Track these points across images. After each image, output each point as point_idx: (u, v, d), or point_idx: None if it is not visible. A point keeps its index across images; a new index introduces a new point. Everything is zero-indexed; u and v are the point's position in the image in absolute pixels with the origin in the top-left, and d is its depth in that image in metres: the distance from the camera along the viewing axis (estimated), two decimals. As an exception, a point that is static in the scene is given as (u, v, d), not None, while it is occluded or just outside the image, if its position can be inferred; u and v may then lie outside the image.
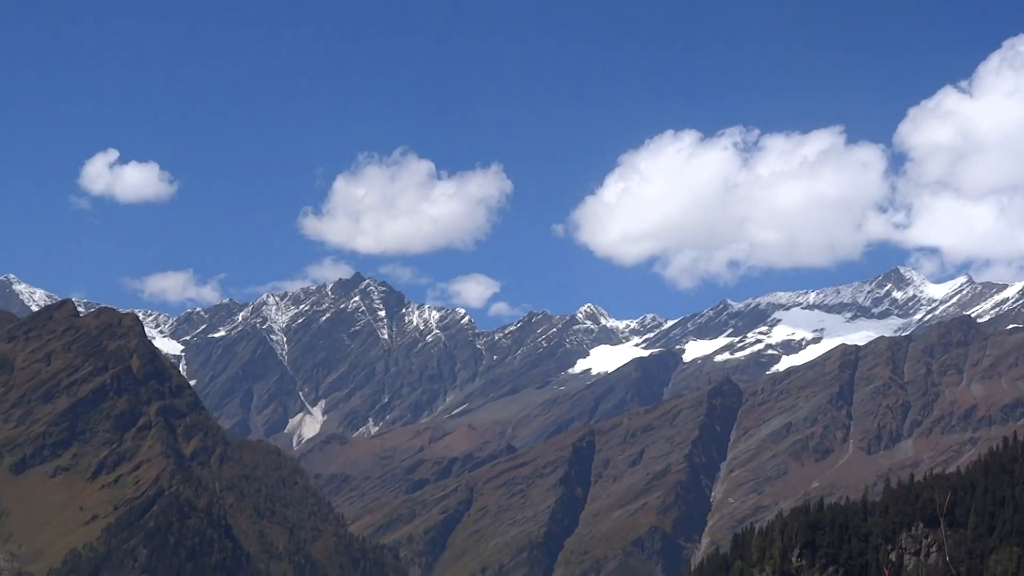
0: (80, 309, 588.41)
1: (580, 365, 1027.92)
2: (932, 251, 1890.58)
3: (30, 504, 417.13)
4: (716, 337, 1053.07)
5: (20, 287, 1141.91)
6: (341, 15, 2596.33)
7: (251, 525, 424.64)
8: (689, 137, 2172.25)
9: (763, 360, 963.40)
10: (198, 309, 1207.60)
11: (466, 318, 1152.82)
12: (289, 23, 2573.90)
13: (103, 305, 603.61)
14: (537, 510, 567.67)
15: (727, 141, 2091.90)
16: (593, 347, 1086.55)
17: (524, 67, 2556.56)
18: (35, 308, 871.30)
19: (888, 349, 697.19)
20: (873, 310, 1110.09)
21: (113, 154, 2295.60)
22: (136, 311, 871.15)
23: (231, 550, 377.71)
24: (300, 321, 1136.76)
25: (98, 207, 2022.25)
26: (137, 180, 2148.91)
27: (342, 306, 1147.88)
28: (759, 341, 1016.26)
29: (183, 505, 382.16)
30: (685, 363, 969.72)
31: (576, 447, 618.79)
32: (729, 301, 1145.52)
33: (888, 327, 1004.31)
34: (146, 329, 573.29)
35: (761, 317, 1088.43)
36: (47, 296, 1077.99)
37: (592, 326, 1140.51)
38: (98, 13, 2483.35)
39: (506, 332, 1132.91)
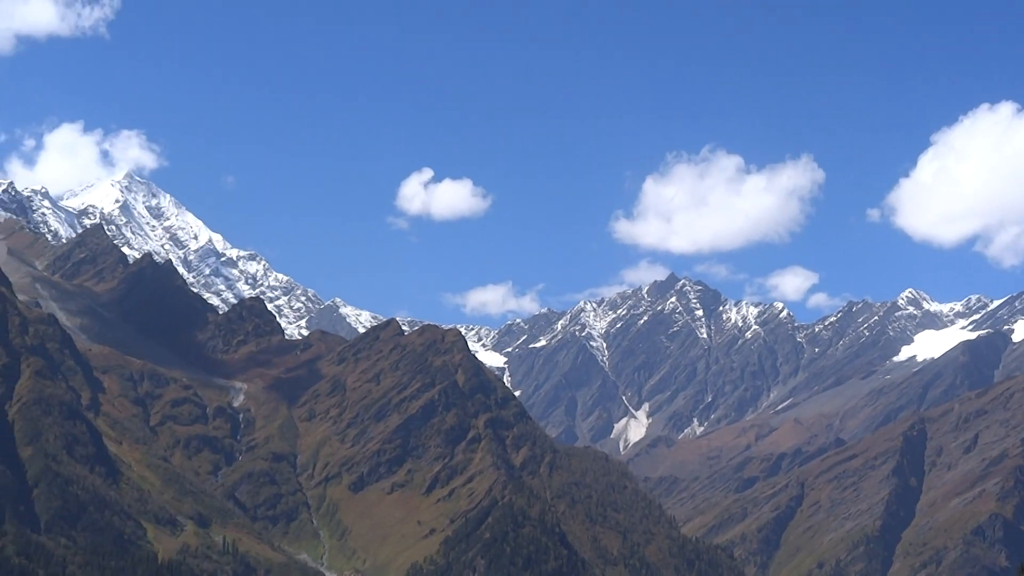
0: (404, 328, 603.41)
1: (905, 352, 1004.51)
2: None
3: (370, 520, 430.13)
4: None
5: (346, 310, 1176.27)
6: (640, 20, 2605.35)
7: (584, 531, 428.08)
8: (1006, 109, 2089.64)
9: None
10: (518, 320, 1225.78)
11: (784, 312, 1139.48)
12: (589, 31, 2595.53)
13: (426, 322, 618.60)
14: (871, 503, 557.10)
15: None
16: (917, 333, 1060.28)
17: (828, 53, 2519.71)
18: (362, 329, 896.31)
19: None
20: None
21: (428, 173, 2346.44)
22: (458, 326, 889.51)
23: (566, 557, 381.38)
24: (619, 326, 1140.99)
25: (416, 226, 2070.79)
26: (452, 197, 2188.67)
27: (659, 308, 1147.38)
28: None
29: (517, 515, 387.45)
30: (1015, 343, 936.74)
31: (907, 436, 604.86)
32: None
33: None
34: (469, 343, 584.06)
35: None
36: (372, 317, 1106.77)
37: (915, 311, 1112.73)
38: (402, 41, 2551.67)
39: (826, 323, 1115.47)
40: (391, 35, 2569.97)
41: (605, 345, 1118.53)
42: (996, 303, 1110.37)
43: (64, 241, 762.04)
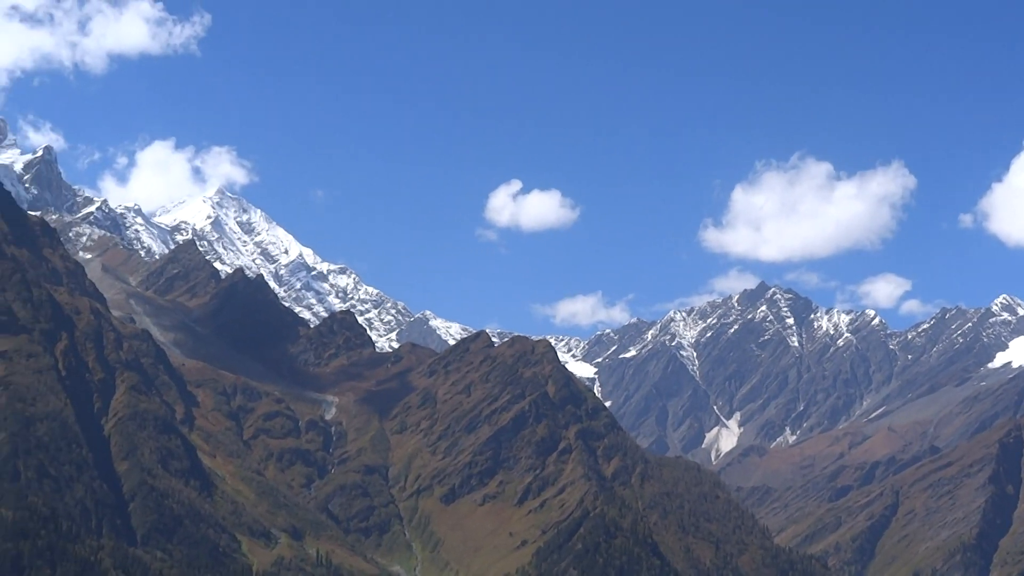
0: (494, 339, 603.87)
1: (1000, 359, 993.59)
2: None
3: (462, 532, 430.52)
4: None
5: (436, 322, 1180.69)
6: (729, 30, 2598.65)
7: (677, 542, 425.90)
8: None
9: None
10: (608, 331, 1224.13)
11: (876, 319, 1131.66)
12: (677, 41, 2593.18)
13: (516, 334, 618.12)
14: (967, 511, 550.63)
15: None
16: (1012, 339, 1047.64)
17: (918, 58, 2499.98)
18: (452, 342, 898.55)
19: None
20: None
21: (516, 185, 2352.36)
22: (548, 337, 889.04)
23: (659, 568, 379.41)
24: (709, 335, 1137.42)
25: (505, 237, 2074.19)
26: (541, 208, 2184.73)
27: (749, 316, 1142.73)
28: None
29: (608, 526, 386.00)
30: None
31: (1003, 444, 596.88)
32: None
33: None
34: (559, 354, 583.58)
35: None
36: (462, 329, 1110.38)
37: (1009, 317, 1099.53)
38: (491, 54, 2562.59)
39: (919, 330, 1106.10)
40: (480, 49, 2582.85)
41: (695, 354, 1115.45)
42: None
43: (157, 257, 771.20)
